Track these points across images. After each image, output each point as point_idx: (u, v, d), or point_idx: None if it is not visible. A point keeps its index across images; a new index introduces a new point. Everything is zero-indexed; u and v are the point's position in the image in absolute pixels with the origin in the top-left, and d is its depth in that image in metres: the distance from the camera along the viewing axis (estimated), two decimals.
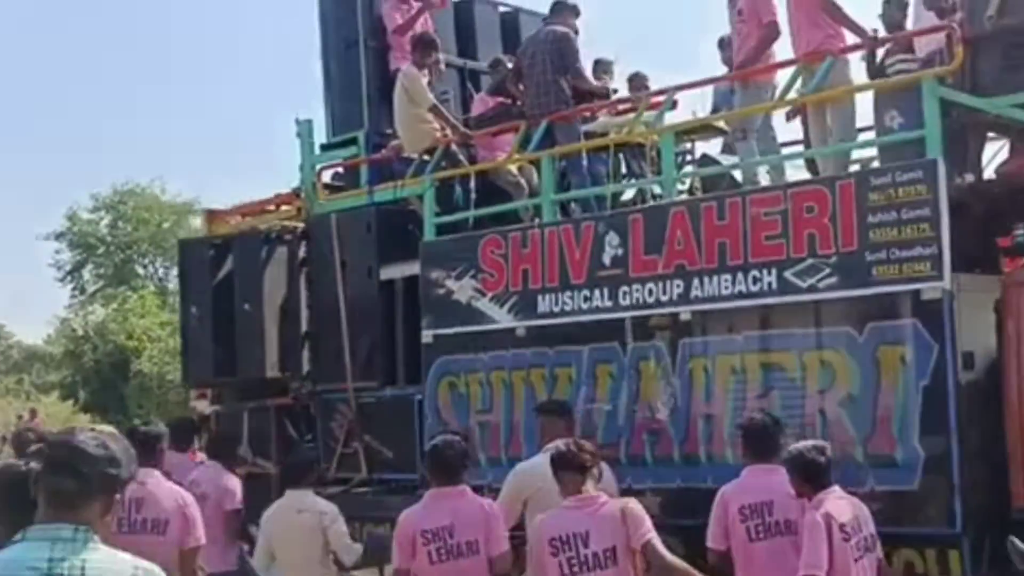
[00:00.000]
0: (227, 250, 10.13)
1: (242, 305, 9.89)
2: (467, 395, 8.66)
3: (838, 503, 5.47)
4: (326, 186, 10.27)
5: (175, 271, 38.88)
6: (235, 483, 7.76)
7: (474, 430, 8.60)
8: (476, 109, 9.70)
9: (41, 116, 63.54)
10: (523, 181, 9.40)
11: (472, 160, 9.55)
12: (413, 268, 9.21)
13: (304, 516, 6.77)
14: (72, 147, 67.28)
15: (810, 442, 5.72)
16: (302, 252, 10.05)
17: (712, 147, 9.89)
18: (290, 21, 68.56)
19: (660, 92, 8.55)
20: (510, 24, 11.00)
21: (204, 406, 10.71)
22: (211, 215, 10.66)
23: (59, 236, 43.24)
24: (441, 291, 8.85)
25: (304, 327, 10.02)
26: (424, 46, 9.32)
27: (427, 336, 8.93)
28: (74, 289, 43.64)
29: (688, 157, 10.00)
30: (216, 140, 66.80)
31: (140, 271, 44.11)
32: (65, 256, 43.55)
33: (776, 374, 7.18)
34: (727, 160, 9.05)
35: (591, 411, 7.93)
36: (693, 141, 9.84)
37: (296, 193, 10.13)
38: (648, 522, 5.42)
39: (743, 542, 5.89)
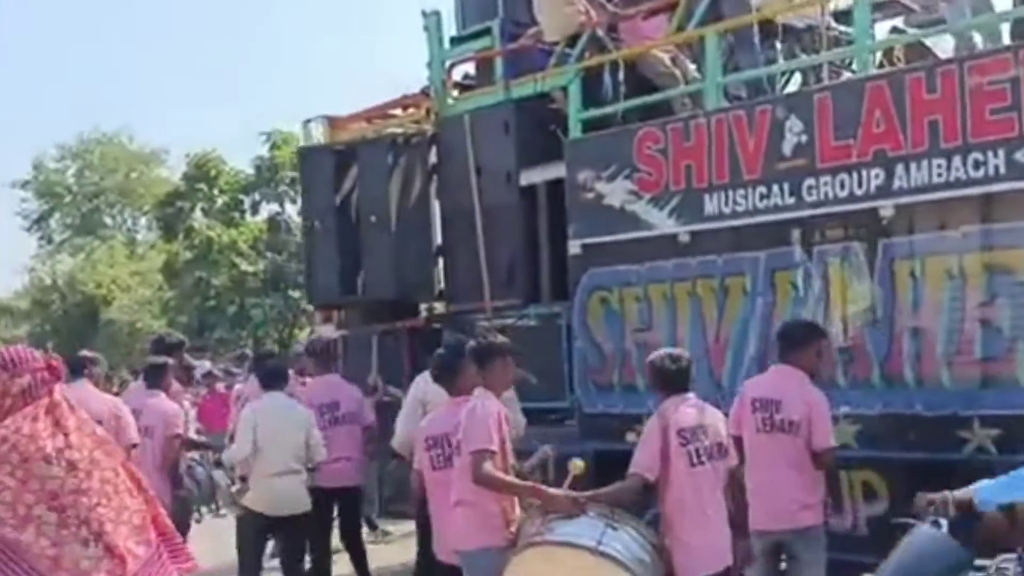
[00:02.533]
0: (351, 158, 9.19)
1: (368, 217, 8.96)
2: (622, 312, 7.62)
3: (683, 409, 5.55)
4: (457, 85, 9.22)
5: (143, 220, 39.87)
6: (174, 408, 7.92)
7: (631, 351, 7.57)
8: None
9: (3, 62, 62.20)
10: (678, 72, 8.22)
11: (619, 50, 8.38)
12: (557, 171, 8.16)
13: (291, 414, 7.49)
14: (38, 92, 65.62)
15: (666, 350, 5.86)
16: (432, 158, 9.06)
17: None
18: None
19: None
20: None
21: (330, 330, 9.85)
22: (332, 121, 9.71)
23: (25, 184, 42.89)
24: (590, 195, 7.78)
25: (436, 241, 9.07)
26: None
27: (575, 246, 7.88)
28: (41, 239, 43.42)
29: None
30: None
31: (108, 221, 43.85)
32: (31, 205, 43.26)
33: (1003, 277, 5.98)
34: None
35: (768, 325, 6.82)
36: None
37: (425, 93, 9.11)
38: None
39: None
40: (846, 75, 8.65)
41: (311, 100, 52.33)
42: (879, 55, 8.09)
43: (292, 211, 31.04)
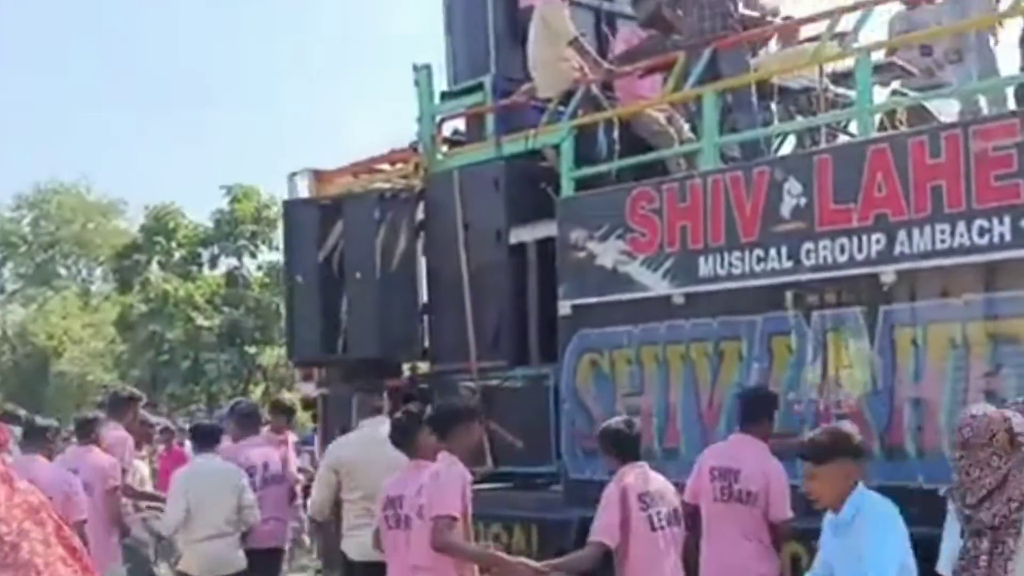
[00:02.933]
0: (337, 212, 9.00)
1: (353, 273, 8.75)
2: (613, 375, 7.41)
3: (639, 475, 5.63)
4: (447, 140, 9.07)
5: (99, 271, 39.48)
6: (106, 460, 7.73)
7: (621, 415, 7.33)
8: (620, 47, 8.39)
9: None
10: (672, 131, 8.10)
11: (613, 108, 8.26)
12: (547, 229, 7.99)
13: (224, 476, 7.51)
14: None
15: (619, 418, 5.98)
16: (420, 214, 8.88)
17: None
18: None
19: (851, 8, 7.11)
20: None
21: (310, 388, 9.61)
22: (318, 175, 9.54)
23: None
24: (582, 255, 7.61)
25: (422, 298, 8.87)
26: None
27: (564, 307, 7.69)
28: None
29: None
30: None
31: (63, 271, 43.69)
32: None
33: (1007, 347, 5.79)
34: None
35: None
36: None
37: (413, 148, 8.95)
38: None
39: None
40: (842, 138, 8.58)
41: (279, 151, 52.19)
42: (878, 118, 8.01)
43: (251, 265, 31.15)
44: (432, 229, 8.83)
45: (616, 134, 7.87)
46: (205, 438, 7.81)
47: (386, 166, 9.55)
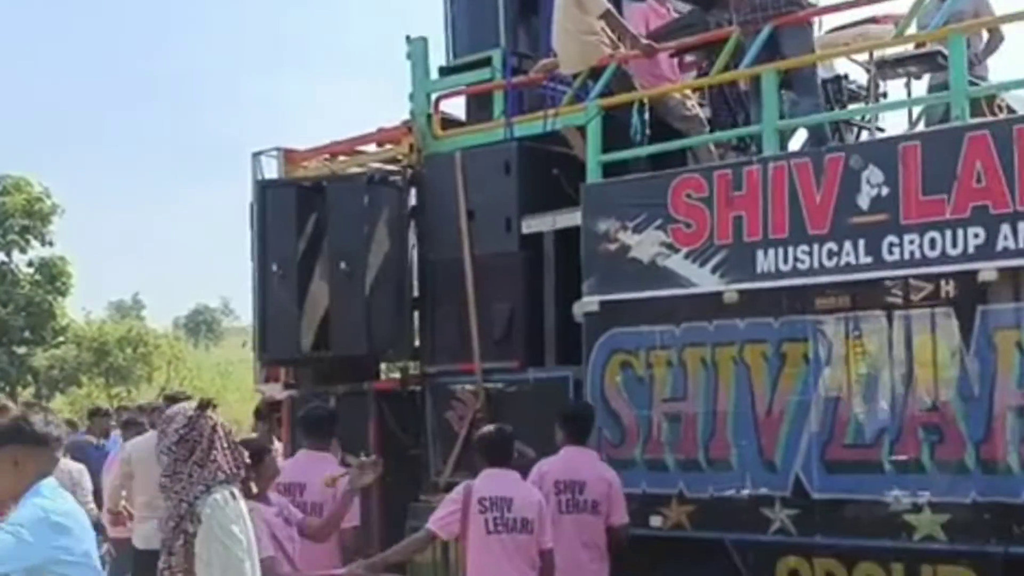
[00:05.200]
0: (317, 196, 8.13)
1: (337, 263, 7.90)
2: (649, 378, 6.76)
3: (489, 479, 5.89)
4: (443, 120, 8.28)
5: None
6: None
7: (659, 423, 6.70)
8: (639, 24, 7.73)
9: None
10: (701, 115, 7.50)
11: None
12: (568, 219, 7.30)
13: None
14: None
15: (493, 426, 6.21)
16: (412, 199, 8.09)
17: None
18: None
19: None
20: None
21: (275, 389, 8.69)
22: (290, 155, 8.65)
23: None
24: (612, 246, 6.94)
25: (413, 292, 8.07)
26: None
27: (591, 303, 7.01)
28: None
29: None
30: None
31: None
32: None
33: None
34: None
35: (834, 399, 6.07)
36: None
37: (408, 127, 8.13)
38: None
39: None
40: (864, 133, 8.13)
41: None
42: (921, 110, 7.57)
43: (20, 261, 29.62)
44: (427, 216, 8.06)
45: (647, 116, 7.24)
46: None
47: (370, 148, 8.69)
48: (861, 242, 6.05)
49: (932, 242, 5.83)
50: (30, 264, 29.89)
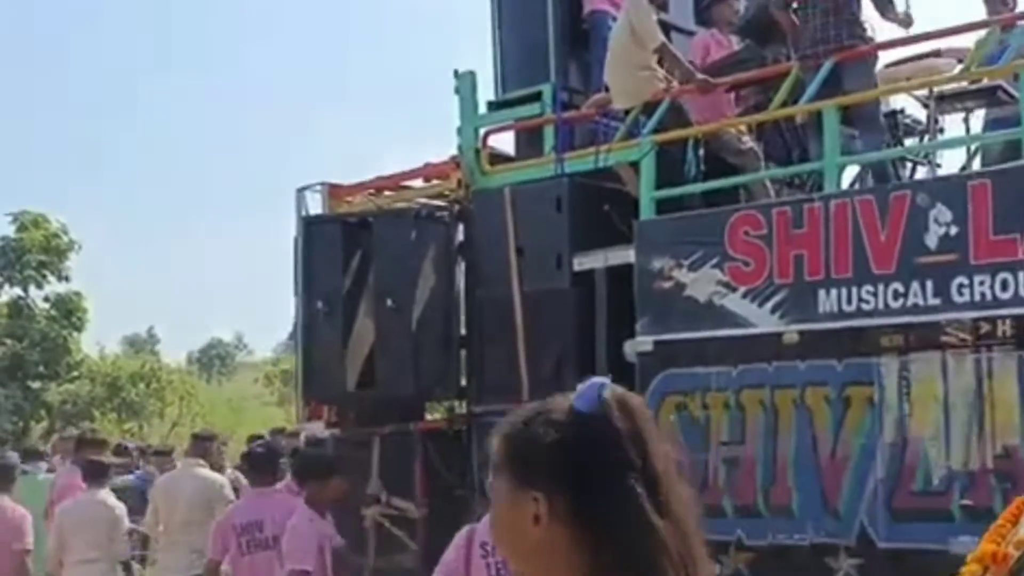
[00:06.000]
0: (363, 231, 8.02)
1: (384, 300, 7.77)
2: (705, 421, 6.57)
3: (245, 504, 7.02)
4: (491, 156, 8.15)
5: None
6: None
7: (715, 467, 6.51)
8: (699, 52, 7.59)
9: None
10: (756, 149, 7.35)
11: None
12: (620, 255, 7.14)
13: (98, 509, 7.84)
14: None
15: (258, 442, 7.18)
16: (459, 235, 7.96)
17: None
18: None
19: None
20: None
21: (318, 428, 8.55)
22: (334, 190, 8.54)
23: None
24: (667, 285, 6.77)
25: (460, 330, 7.92)
26: None
27: (644, 343, 6.84)
28: None
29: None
30: None
31: None
32: None
33: None
34: None
35: (900, 445, 5.86)
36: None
37: (456, 162, 8.01)
38: None
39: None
40: (921, 170, 7.96)
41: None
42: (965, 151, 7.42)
43: (37, 296, 29.75)
44: (475, 252, 7.92)
45: (702, 152, 7.09)
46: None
47: (415, 183, 8.57)
48: (929, 282, 5.86)
49: (1004, 283, 5.64)
50: (46, 299, 30.00)
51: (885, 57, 6.96)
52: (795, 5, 6.88)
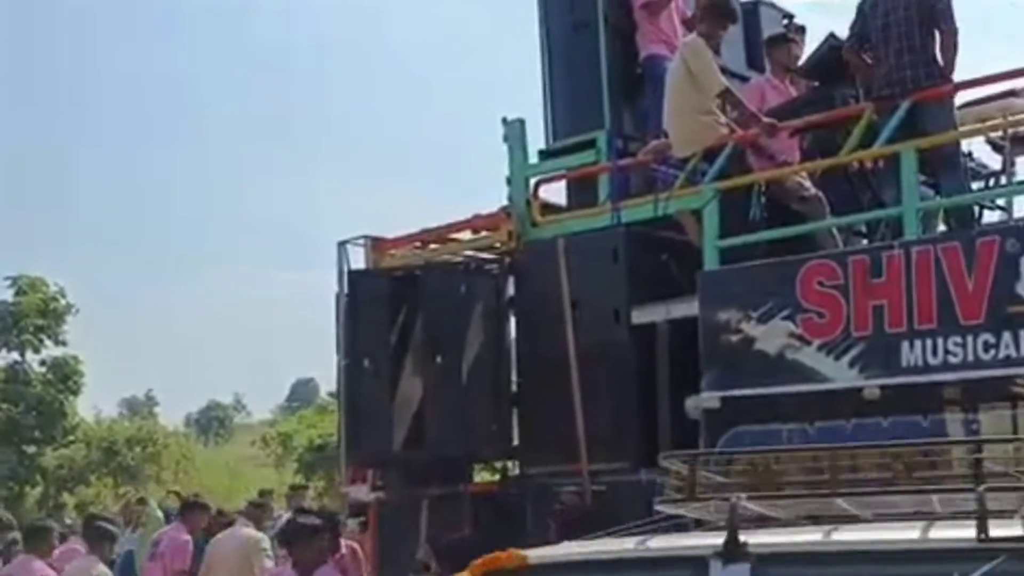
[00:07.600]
0: (410, 285, 7.74)
1: (433, 357, 7.46)
2: None
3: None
4: (541, 206, 7.88)
5: None
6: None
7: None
8: (754, 97, 7.33)
9: None
10: (822, 196, 7.05)
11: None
12: (683, 308, 6.83)
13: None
14: None
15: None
16: (510, 288, 7.67)
17: None
18: None
19: None
20: (750, 19, 8.66)
21: (362, 492, 8.20)
22: (377, 243, 8.26)
23: None
24: (734, 338, 6.46)
25: (511, 387, 7.60)
26: (717, 14, 7.03)
27: (711, 399, 6.50)
28: None
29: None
30: None
31: None
32: None
33: None
34: None
35: None
36: None
37: (507, 213, 7.73)
38: None
39: None
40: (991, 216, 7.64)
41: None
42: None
43: (34, 360, 29.60)
44: (527, 306, 7.63)
45: (764, 200, 6.80)
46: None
47: (463, 235, 8.29)
48: (1022, 333, 5.53)
49: None
50: (43, 363, 29.84)
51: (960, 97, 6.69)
52: (867, 45, 6.61)
